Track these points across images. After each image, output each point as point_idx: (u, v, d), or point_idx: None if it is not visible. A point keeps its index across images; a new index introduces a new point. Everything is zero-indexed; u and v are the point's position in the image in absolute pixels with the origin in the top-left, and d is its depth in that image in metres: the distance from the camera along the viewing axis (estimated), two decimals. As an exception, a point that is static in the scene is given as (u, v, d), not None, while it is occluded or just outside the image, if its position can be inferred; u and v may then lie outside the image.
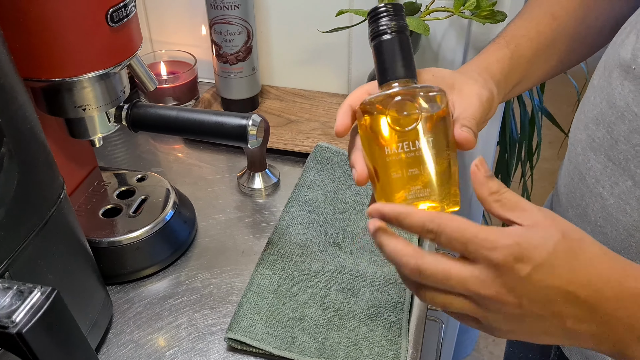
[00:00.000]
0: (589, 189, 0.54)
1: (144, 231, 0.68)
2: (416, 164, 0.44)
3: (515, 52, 0.58)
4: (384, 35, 0.47)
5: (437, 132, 0.45)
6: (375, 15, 0.47)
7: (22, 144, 0.46)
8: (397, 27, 0.47)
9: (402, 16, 0.47)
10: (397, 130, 0.44)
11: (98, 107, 0.60)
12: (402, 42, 0.47)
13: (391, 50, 0.47)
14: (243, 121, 0.60)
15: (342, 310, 0.63)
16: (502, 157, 1.31)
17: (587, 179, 0.54)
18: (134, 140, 0.93)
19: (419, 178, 0.44)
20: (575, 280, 0.38)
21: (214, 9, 0.86)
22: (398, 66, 0.47)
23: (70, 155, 0.70)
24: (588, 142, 0.54)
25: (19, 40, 0.52)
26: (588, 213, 0.54)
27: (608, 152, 0.51)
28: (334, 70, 1.00)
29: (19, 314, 0.40)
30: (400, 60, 0.47)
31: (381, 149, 0.45)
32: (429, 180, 0.44)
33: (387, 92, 0.45)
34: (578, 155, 0.56)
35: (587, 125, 0.55)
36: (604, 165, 0.51)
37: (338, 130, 0.48)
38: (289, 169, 0.87)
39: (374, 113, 0.45)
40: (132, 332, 0.63)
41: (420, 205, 0.44)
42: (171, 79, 0.98)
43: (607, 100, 0.52)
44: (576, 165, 0.56)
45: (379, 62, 0.47)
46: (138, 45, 0.60)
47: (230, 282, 0.68)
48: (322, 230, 0.73)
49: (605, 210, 0.51)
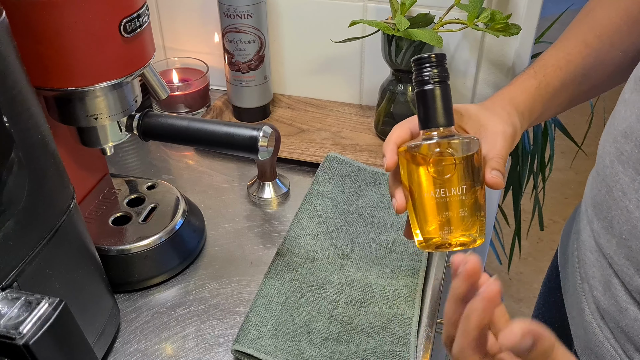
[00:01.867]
0: (616, 201, 0.54)
1: (153, 240, 0.68)
2: (450, 208, 0.50)
3: (542, 81, 0.61)
4: (427, 85, 0.50)
5: (469, 176, 0.50)
6: (420, 63, 0.50)
7: (32, 153, 0.46)
8: (439, 77, 0.50)
9: (445, 66, 0.50)
10: (435, 177, 0.50)
11: (110, 117, 0.60)
12: (443, 92, 0.50)
13: (432, 100, 0.50)
14: (254, 132, 0.60)
15: (350, 324, 0.62)
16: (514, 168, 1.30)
17: (614, 191, 0.54)
18: (146, 147, 0.93)
19: (451, 218, 0.50)
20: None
21: (227, 17, 0.87)
22: (439, 115, 0.50)
23: (81, 163, 0.70)
24: (616, 155, 0.54)
25: (32, 50, 0.52)
26: (614, 225, 0.54)
27: (636, 166, 0.51)
28: (346, 80, 1.00)
29: (26, 325, 0.40)
30: (441, 109, 0.50)
31: (420, 191, 0.51)
32: (458, 221, 0.50)
33: (428, 143, 0.50)
34: (606, 167, 0.56)
35: (616, 138, 0.55)
36: (632, 179, 0.51)
37: (389, 166, 0.53)
38: (300, 178, 0.86)
39: (416, 160, 0.51)
40: (139, 341, 0.62)
41: (453, 240, 0.51)
42: (183, 86, 0.98)
43: (636, 114, 0.52)
44: (604, 178, 0.56)
45: (422, 109, 0.51)
46: (151, 55, 0.60)
47: (239, 293, 0.68)
48: (331, 242, 0.72)
49: (630, 224, 0.51)
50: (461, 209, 0.50)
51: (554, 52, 0.64)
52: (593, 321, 0.58)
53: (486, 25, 0.80)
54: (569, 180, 2.44)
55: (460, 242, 0.51)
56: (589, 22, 0.65)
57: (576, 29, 0.65)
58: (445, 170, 0.50)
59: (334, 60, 0.99)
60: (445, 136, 0.50)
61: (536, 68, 0.63)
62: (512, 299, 2.02)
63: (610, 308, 0.55)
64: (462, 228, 0.51)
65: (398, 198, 0.53)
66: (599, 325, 0.57)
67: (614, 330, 0.55)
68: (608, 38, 0.63)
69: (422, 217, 0.52)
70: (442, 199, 0.50)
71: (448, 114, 0.51)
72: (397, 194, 0.53)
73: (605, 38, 0.63)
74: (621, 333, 0.54)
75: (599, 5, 0.65)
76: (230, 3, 0.85)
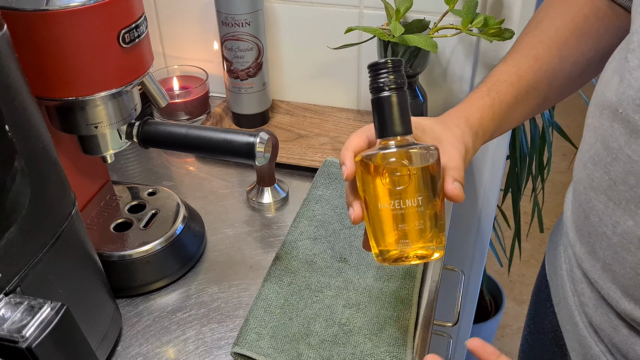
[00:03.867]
0: (594, 227, 0.53)
1: (154, 245, 0.69)
2: (406, 220, 0.48)
3: (495, 99, 0.60)
4: (382, 92, 0.48)
5: (426, 188, 0.48)
6: (375, 69, 0.49)
7: (34, 162, 0.47)
8: (396, 84, 0.48)
9: (401, 72, 0.49)
10: (389, 189, 0.48)
11: (110, 125, 0.61)
12: (400, 99, 0.48)
13: (389, 107, 0.48)
14: (251, 139, 0.61)
15: (347, 326, 0.63)
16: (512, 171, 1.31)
17: (591, 217, 0.53)
18: (147, 154, 0.94)
19: (408, 231, 0.48)
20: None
21: (226, 25, 0.88)
22: (395, 124, 0.49)
23: (83, 170, 0.72)
24: (588, 181, 0.53)
25: (33, 61, 0.53)
26: (596, 251, 0.53)
27: (607, 192, 0.50)
28: (344, 86, 1.01)
29: (29, 329, 0.41)
30: (398, 117, 0.49)
31: (376, 202, 0.49)
32: (416, 233, 0.49)
33: (383, 152, 0.48)
34: (581, 194, 0.55)
35: (586, 164, 0.54)
36: (605, 205, 0.50)
37: (348, 176, 0.51)
38: (298, 183, 0.88)
39: (370, 171, 0.49)
40: (140, 345, 0.64)
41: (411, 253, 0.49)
42: (183, 93, 0.99)
43: (601, 141, 0.51)
44: (580, 204, 0.55)
45: (377, 117, 0.49)
46: (149, 64, 0.62)
47: (238, 297, 0.69)
48: (329, 246, 0.73)
49: (611, 249, 0.50)
50: (418, 221, 0.48)
51: (506, 68, 0.63)
52: (588, 335, 0.58)
53: (480, 31, 0.81)
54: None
55: (418, 255, 0.50)
56: (538, 35, 0.64)
57: (526, 41, 0.64)
58: (400, 181, 0.48)
59: (332, 66, 1.00)
60: (402, 145, 0.49)
61: (489, 85, 0.61)
62: (515, 301, 2.03)
63: (602, 325, 0.54)
64: (420, 241, 0.49)
65: (355, 208, 0.51)
66: (594, 340, 0.57)
67: (608, 345, 0.55)
68: (557, 50, 0.62)
69: (378, 230, 0.50)
70: (397, 211, 0.48)
71: (405, 122, 0.49)
72: (354, 204, 0.51)
73: (554, 50, 0.62)
74: (615, 349, 0.54)
75: (547, 17, 0.65)
76: (229, 11, 0.87)
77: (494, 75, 0.63)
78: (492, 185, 1.09)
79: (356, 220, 0.51)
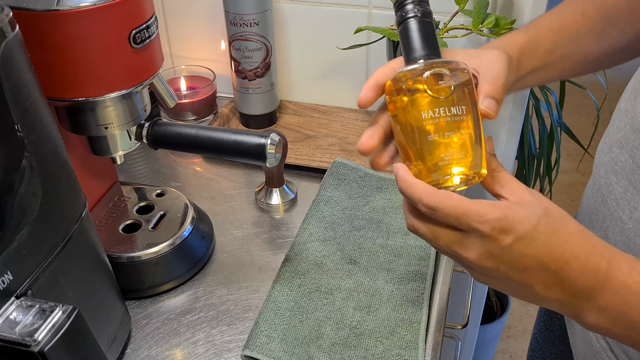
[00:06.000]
0: (610, 211, 0.53)
1: (162, 247, 0.68)
2: (452, 127, 0.46)
3: (532, 38, 0.58)
4: (411, 19, 0.49)
5: (466, 99, 0.47)
6: (402, 2, 0.50)
7: (45, 163, 0.47)
8: (423, 13, 0.50)
9: (427, 2, 0.50)
10: (434, 97, 0.47)
11: (120, 126, 0.61)
12: (428, 25, 0.50)
13: (417, 32, 0.49)
14: (262, 140, 0.60)
15: (358, 329, 0.63)
16: (520, 171, 1.30)
17: (609, 201, 0.54)
18: (154, 155, 0.94)
19: (454, 141, 0.47)
20: (549, 253, 0.43)
21: (234, 25, 0.88)
22: (425, 45, 0.49)
23: (92, 171, 0.71)
24: (611, 165, 0.54)
25: (45, 61, 0.53)
26: (608, 235, 0.54)
27: (629, 177, 0.51)
28: (352, 86, 1.01)
29: (40, 332, 0.41)
30: (427, 40, 0.49)
31: (418, 115, 0.47)
32: (464, 143, 0.47)
33: (418, 67, 0.47)
34: (601, 177, 0.55)
35: (611, 148, 0.54)
36: (625, 189, 0.51)
37: (361, 102, 0.50)
38: (307, 184, 0.87)
39: (411, 86, 0.47)
40: (149, 347, 0.63)
41: (453, 168, 0.47)
42: (190, 94, 0.99)
43: (631, 124, 0.51)
44: (599, 187, 0.56)
45: (407, 43, 0.50)
46: (159, 65, 0.61)
47: (248, 299, 0.69)
48: (339, 248, 0.73)
49: (624, 234, 0.51)
50: (465, 130, 0.47)
51: (549, 16, 0.61)
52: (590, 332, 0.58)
53: (491, 31, 0.80)
54: (576, 182, 2.44)
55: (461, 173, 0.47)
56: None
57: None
58: (443, 90, 0.47)
59: (340, 66, 0.99)
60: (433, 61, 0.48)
61: (529, 26, 0.60)
62: (521, 302, 2.02)
63: None
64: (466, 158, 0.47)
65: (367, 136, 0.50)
66: (596, 336, 0.57)
67: (609, 341, 0.55)
68: (606, 13, 0.60)
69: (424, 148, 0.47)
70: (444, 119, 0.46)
71: (433, 45, 0.49)
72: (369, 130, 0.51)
73: (603, 12, 0.60)
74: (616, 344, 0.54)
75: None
76: (237, 11, 0.86)
77: (534, 21, 0.60)
78: (501, 186, 1.08)
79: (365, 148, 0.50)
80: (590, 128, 1.41)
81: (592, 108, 1.56)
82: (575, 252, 0.43)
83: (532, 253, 0.43)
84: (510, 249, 0.42)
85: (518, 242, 0.42)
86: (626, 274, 0.42)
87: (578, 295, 0.43)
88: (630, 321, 0.43)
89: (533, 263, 0.43)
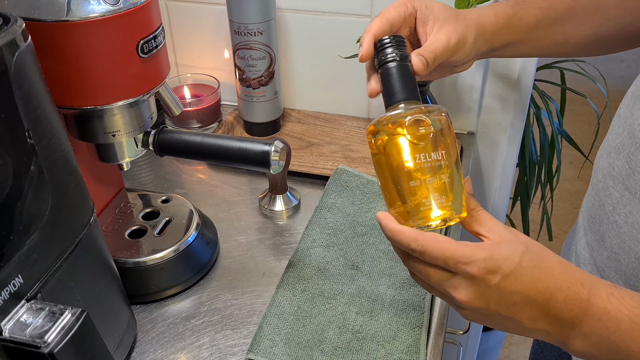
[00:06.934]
0: (607, 216, 0.54)
1: (168, 252, 0.69)
2: (432, 172, 0.49)
3: (518, 13, 0.60)
4: (390, 63, 0.52)
5: (445, 143, 0.50)
6: (382, 46, 0.53)
7: (55, 169, 0.48)
8: (401, 56, 0.52)
9: (404, 46, 0.53)
10: (414, 144, 0.49)
11: (127, 133, 0.62)
12: (405, 69, 0.52)
13: (396, 76, 0.52)
14: (266, 147, 0.61)
15: (360, 333, 0.64)
16: (521, 179, 1.31)
17: (606, 206, 0.55)
18: (159, 162, 0.95)
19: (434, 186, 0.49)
20: (534, 287, 0.45)
21: (238, 35, 0.89)
22: (404, 89, 0.52)
23: (99, 177, 0.73)
24: (608, 170, 0.55)
25: (54, 70, 0.54)
26: (605, 239, 0.55)
27: (625, 182, 0.52)
28: (355, 94, 1.02)
29: (50, 334, 0.42)
30: (405, 84, 0.52)
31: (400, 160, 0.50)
32: (444, 186, 0.49)
33: (398, 112, 0.50)
34: (599, 182, 0.57)
35: (609, 153, 0.56)
36: (621, 194, 0.52)
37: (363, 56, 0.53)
38: (310, 191, 0.88)
39: (391, 131, 0.50)
40: (155, 351, 0.64)
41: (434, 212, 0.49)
42: (195, 102, 1.00)
43: (628, 130, 0.52)
44: (597, 192, 0.57)
45: (387, 87, 0.53)
46: (166, 74, 0.63)
47: (252, 303, 0.70)
48: (341, 253, 0.74)
49: (620, 238, 0.52)
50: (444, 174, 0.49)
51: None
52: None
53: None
54: (578, 190, 2.44)
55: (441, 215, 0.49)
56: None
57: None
58: (423, 136, 0.49)
59: (343, 75, 1.01)
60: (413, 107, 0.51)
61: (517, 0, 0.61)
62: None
63: None
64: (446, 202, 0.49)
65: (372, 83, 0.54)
66: None
67: None
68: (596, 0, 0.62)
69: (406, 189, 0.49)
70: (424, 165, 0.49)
71: (413, 88, 0.52)
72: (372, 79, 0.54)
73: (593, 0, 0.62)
74: None
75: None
76: (241, 21, 0.88)
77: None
78: (502, 193, 1.09)
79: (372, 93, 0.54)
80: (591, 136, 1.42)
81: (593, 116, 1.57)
82: (558, 283, 0.45)
83: (519, 289, 0.45)
84: (498, 287, 0.45)
85: (505, 280, 0.44)
86: (605, 300, 0.44)
87: (563, 325, 0.45)
88: (612, 346, 0.44)
89: (520, 298, 0.45)
